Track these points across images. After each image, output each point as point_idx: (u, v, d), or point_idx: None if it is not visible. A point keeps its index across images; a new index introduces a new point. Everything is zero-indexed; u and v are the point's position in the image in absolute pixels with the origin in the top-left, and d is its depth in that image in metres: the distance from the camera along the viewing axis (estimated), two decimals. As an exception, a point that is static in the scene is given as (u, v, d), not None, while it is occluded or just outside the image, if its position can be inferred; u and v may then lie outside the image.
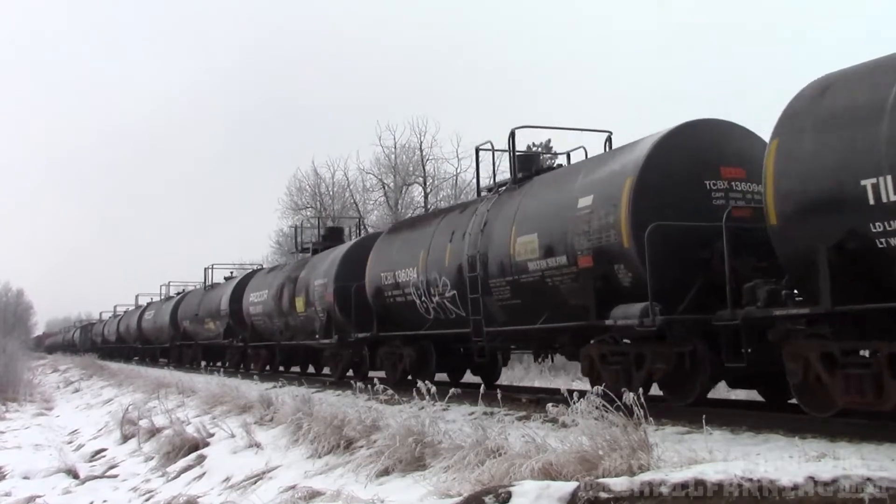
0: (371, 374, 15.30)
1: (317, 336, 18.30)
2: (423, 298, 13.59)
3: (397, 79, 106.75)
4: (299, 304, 19.63)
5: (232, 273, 33.15)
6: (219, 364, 29.54)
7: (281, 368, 23.45)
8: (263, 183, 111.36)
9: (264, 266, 34.21)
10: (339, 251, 18.36)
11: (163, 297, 40.37)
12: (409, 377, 14.17)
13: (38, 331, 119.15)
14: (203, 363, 31.79)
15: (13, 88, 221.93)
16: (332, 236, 22.21)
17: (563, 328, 10.43)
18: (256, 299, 23.34)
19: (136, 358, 44.12)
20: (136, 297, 49.55)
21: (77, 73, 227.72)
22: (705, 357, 8.62)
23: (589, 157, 11.64)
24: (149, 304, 43.06)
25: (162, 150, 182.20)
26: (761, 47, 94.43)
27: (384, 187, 38.98)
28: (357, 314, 16.04)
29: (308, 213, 41.73)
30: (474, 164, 14.64)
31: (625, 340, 9.70)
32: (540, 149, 14.01)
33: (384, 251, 15.48)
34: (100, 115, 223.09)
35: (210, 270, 33.13)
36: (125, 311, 51.63)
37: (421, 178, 37.67)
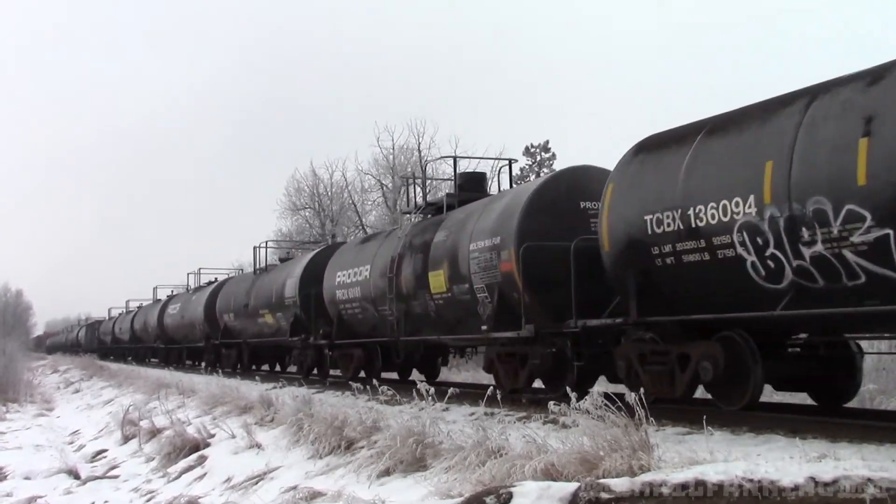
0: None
1: (483, 327, 11.96)
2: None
3: (396, 80, 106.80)
4: (438, 280, 13.32)
5: (216, 278, 32.74)
6: (277, 369, 26.44)
7: (394, 376, 17.39)
8: (262, 183, 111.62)
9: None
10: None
11: (191, 287, 34.22)
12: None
13: (38, 331, 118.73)
14: (253, 368, 26.30)
15: (13, 88, 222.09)
16: (472, 183, 15.37)
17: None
18: (349, 279, 16.93)
19: (156, 360, 39.53)
20: (155, 289, 42.68)
21: (77, 74, 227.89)
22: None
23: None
24: (173, 296, 37.02)
25: (161, 150, 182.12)
26: (760, 47, 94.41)
27: (382, 188, 39.04)
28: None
29: (307, 214, 41.82)
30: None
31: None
32: (539, 149, 14.34)
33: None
34: (99, 116, 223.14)
35: (260, 249, 26.00)
36: (139, 306, 45.42)
37: (419, 180, 37.66)
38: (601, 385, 10.72)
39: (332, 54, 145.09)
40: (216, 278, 33.25)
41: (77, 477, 12.69)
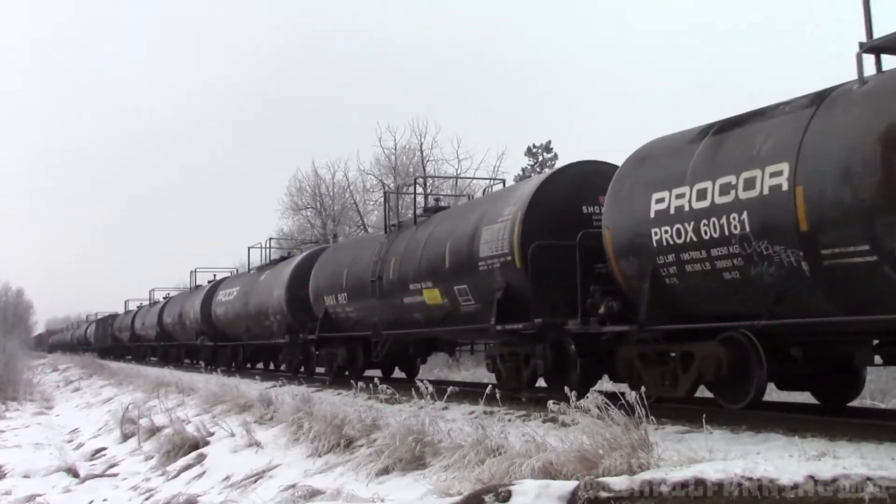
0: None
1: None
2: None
3: (398, 80, 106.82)
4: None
5: (215, 276, 31.83)
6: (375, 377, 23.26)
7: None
8: (263, 183, 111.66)
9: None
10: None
11: (252, 268, 25.79)
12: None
13: (38, 330, 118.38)
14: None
15: (13, 88, 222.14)
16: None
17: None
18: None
19: (195, 362, 30.92)
20: (193, 272, 33.53)
21: (77, 74, 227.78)
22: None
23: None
24: (224, 280, 28.96)
25: (162, 151, 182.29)
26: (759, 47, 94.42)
27: (384, 188, 39.05)
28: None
29: (308, 214, 41.84)
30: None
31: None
32: (541, 149, 14.36)
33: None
34: (100, 116, 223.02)
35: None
36: (167, 297, 38.00)
37: (421, 180, 37.73)
38: (605, 384, 10.70)
39: (334, 54, 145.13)
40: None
41: (76, 475, 12.69)
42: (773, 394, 10.86)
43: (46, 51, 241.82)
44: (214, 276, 31.75)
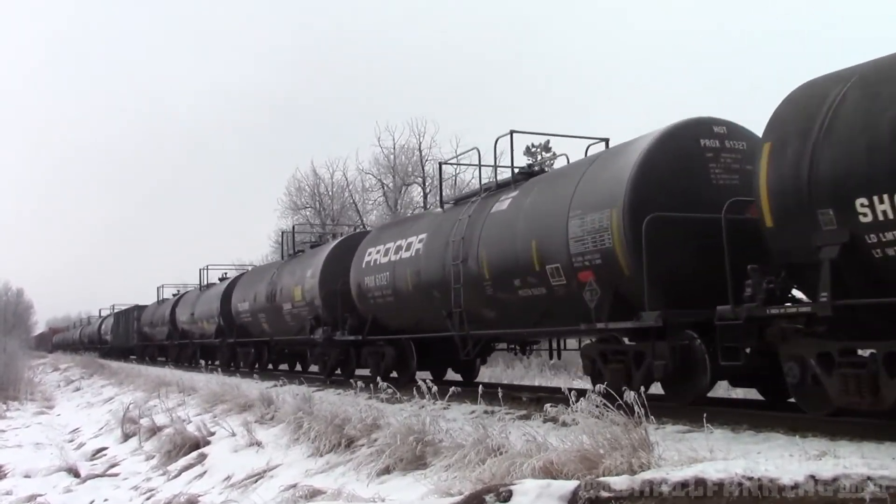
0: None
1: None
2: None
3: (397, 79, 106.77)
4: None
5: (226, 274, 30.80)
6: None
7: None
8: (263, 183, 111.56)
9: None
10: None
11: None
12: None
13: (38, 330, 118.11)
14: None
15: (13, 88, 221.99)
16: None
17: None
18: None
19: (277, 369, 24.41)
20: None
21: (77, 75, 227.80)
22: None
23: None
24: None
25: (162, 151, 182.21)
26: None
27: (383, 187, 39.06)
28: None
29: (307, 213, 41.84)
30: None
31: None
32: (539, 149, 13.94)
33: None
34: (100, 116, 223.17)
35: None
36: (224, 278, 28.73)
37: (420, 179, 37.79)
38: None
39: (333, 54, 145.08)
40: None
41: (77, 475, 12.70)
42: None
43: (46, 51, 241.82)
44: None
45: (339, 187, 41.58)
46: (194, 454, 11.67)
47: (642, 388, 7.89)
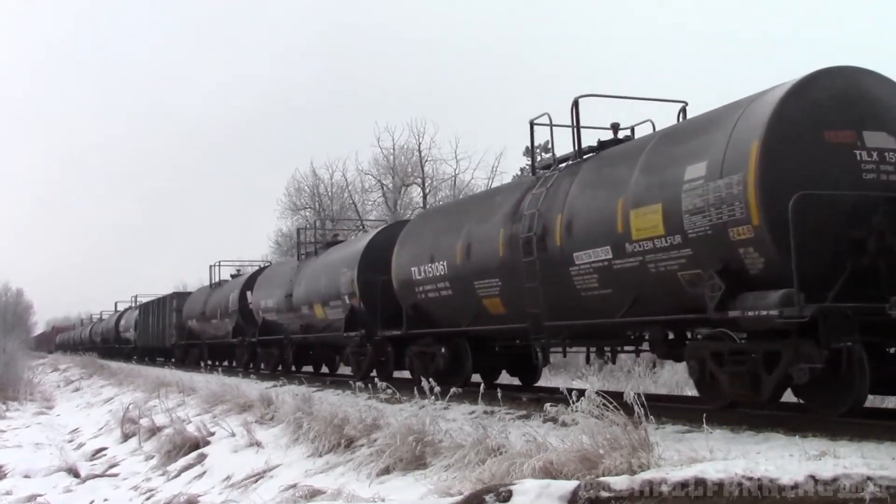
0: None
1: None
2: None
3: (397, 80, 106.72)
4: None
5: (239, 271, 29.80)
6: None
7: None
8: (262, 183, 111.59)
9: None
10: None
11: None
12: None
13: (38, 330, 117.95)
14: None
15: (13, 88, 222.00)
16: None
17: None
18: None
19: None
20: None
21: (78, 76, 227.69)
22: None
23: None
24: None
25: (162, 151, 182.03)
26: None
27: (383, 188, 39.12)
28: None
29: (307, 214, 41.88)
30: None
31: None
32: (539, 149, 13.65)
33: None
34: (100, 116, 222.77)
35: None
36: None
37: (419, 179, 37.89)
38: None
39: (333, 54, 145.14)
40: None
41: (77, 475, 12.70)
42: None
43: (46, 51, 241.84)
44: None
45: (338, 188, 41.73)
46: (194, 454, 11.67)
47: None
